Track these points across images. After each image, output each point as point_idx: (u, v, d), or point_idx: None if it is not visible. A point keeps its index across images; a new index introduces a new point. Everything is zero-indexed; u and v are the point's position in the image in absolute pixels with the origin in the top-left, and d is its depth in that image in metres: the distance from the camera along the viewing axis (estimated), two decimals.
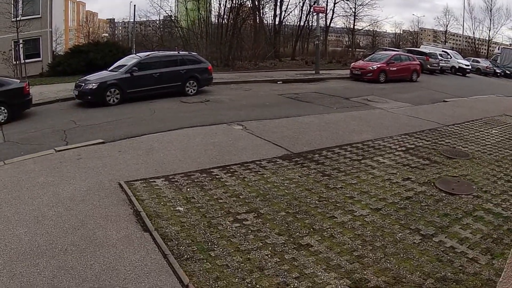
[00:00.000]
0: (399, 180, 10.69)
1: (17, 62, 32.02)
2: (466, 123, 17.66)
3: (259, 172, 10.97)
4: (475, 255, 7.33)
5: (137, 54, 25.93)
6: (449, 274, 6.71)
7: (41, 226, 8.07)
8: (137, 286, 6.30)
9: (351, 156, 12.50)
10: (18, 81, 20.10)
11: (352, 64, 35.92)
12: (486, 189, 10.41)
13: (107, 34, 74.20)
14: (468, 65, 46.99)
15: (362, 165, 11.73)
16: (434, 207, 9.22)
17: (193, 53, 26.78)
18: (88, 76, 22.20)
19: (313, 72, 36.49)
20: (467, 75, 45.65)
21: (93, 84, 20.85)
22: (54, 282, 6.32)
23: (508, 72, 52.67)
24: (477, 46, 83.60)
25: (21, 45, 32.13)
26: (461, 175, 11.31)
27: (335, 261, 6.98)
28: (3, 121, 17.90)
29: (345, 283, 6.40)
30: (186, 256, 7.03)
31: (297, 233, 7.87)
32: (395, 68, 32.11)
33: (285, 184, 10.20)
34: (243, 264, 6.81)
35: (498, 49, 64.95)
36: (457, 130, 16.27)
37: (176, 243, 7.41)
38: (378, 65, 31.65)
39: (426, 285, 6.41)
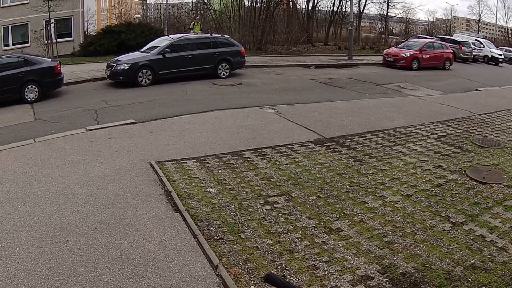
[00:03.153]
0: (430, 168, 10.64)
1: (49, 41, 32.20)
2: (498, 113, 17.45)
3: (290, 156, 10.98)
4: (504, 244, 7.31)
5: (169, 36, 25.95)
6: (478, 262, 6.70)
7: (71, 204, 8.19)
8: (166, 265, 6.35)
9: (383, 142, 12.46)
10: (50, 60, 20.22)
11: (385, 50, 35.53)
12: None
13: (139, 16, 74.19)
14: (501, 55, 46.20)
15: (394, 152, 11.68)
16: (464, 195, 9.17)
17: (225, 36, 26.70)
18: (120, 56, 22.33)
19: (346, 57, 36.22)
20: (499, 64, 44.86)
21: (125, 65, 20.94)
22: (84, 260, 6.41)
23: None
24: (510, 35, 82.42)
25: (52, 25, 32.22)
26: (492, 164, 11.23)
27: (365, 246, 6.99)
28: (34, 99, 18.10)
29: (374, 268, 6.42)
30: (216, 237, 7.08)
31: (328, 217, 7.89)
32: (428, 56, 31.72)
33: (317, 168, 10.20)
34: (273, 247, 6.84)
35: None
36: (489, 119, 16.08)
37: (206, 224, 7.47)
38: (411, 52, 31.30)
39: (455, 272, 6.40)
